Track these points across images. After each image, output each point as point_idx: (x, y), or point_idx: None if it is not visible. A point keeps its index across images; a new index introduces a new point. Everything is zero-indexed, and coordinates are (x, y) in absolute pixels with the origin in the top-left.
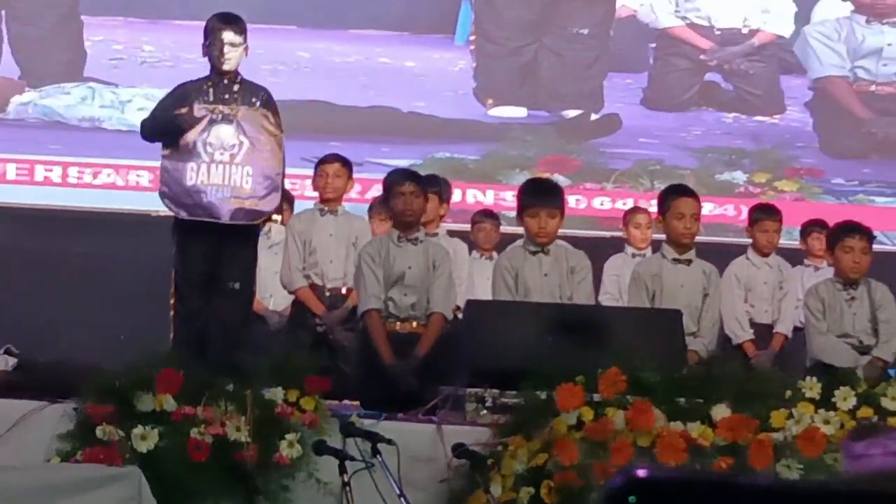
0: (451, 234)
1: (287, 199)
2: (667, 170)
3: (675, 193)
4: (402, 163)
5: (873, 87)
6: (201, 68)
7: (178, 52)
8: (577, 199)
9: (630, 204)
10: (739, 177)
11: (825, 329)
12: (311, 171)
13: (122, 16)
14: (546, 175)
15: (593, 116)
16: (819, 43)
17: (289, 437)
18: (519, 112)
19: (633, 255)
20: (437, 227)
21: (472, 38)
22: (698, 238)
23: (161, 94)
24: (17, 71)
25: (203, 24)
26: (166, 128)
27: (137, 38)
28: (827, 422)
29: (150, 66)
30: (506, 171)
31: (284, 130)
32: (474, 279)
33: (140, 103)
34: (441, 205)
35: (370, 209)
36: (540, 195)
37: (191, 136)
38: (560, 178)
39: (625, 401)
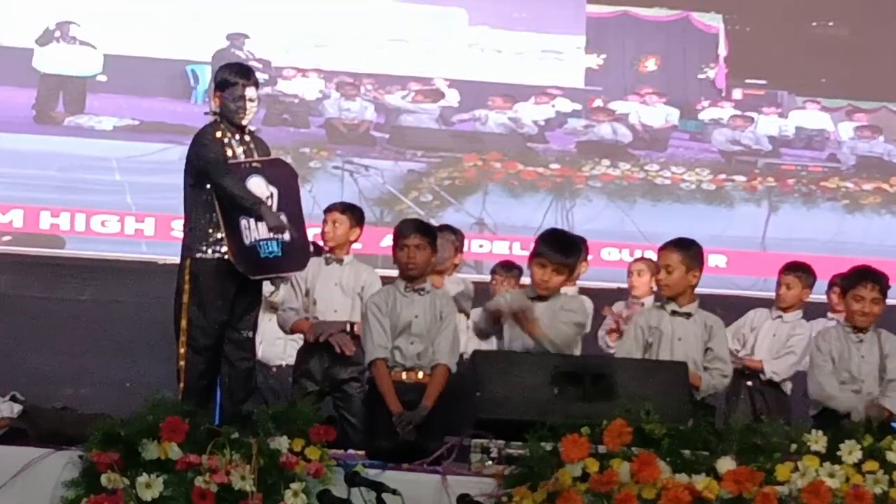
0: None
1: None
2: None
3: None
4: None
5: None
6: None
7: None
8: None
9: None
10: None
11: (830, 370)
12: None
13: None
14: None
15: None
16: None
17: (294, 486)
18: None
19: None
20: (451, 275)
21: None
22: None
23: None
24: None
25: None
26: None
27: None
28: (832, 475)
29: None
30: None
31: None
32: None
33: None
34: (455, 255)
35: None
36: (554, 249)
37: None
38: None
39: (630, 453)
